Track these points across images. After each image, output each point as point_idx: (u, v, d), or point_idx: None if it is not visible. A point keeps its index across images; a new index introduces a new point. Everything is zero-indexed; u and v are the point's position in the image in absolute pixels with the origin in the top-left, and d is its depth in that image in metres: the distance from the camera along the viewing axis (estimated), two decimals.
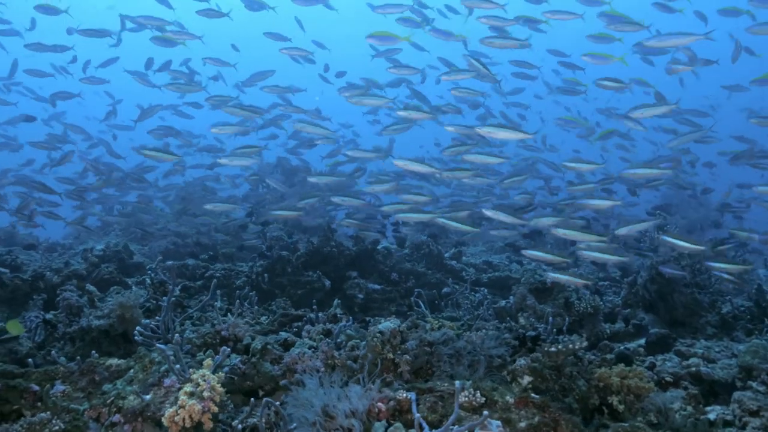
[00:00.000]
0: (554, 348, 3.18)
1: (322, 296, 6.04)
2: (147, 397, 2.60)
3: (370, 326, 3.42)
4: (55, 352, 3.68)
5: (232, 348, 3.49)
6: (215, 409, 2.39)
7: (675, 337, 4.80)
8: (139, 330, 3.49)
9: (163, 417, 2.35)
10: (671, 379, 3.85)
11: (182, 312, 4.43)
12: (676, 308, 5.35)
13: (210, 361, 2.60)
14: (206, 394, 2.39)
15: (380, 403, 2.52)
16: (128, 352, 3.71)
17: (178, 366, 2.64)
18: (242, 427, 2.55)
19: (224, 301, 5.13)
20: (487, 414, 1.98)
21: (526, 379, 3.07)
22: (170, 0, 9.94)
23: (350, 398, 2.43)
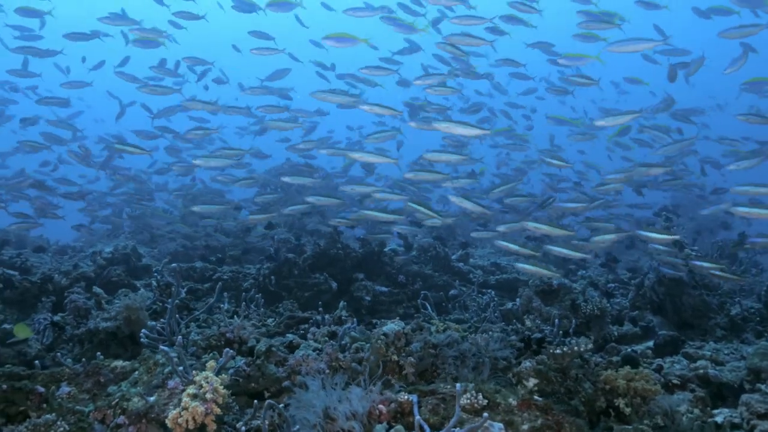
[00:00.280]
0: (559, 350, 3.16)
1: (329, 298, 6.04)
2: (151, 399, 2.62)
3: (376, 328, 3.42)
4: (62, 354, 3.71)
5: (237, 350, 3.50)
6: (218, 411, 2.40)
7: (684, 339, 4.76)
8: (145, 332, 3.52)
9: (167, 419, 2.36)
10: (678, 382, 3.80)
11: (189, 314, 4.45)
12: (685, 310, 5.31)
13: (213, 363, 2.61)
14: (209, 396, 2.40)
15: (381, 405, 2.51)
16: (136, 354, 3.71)
17: (182, 368, 2.66)
18: (246, 429, 2.55)
19: (232, 304, 5.16)
20: (487, 416, 1.97)
21: (532, 382, 3.04)
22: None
23: (351, 400, 2.43)
